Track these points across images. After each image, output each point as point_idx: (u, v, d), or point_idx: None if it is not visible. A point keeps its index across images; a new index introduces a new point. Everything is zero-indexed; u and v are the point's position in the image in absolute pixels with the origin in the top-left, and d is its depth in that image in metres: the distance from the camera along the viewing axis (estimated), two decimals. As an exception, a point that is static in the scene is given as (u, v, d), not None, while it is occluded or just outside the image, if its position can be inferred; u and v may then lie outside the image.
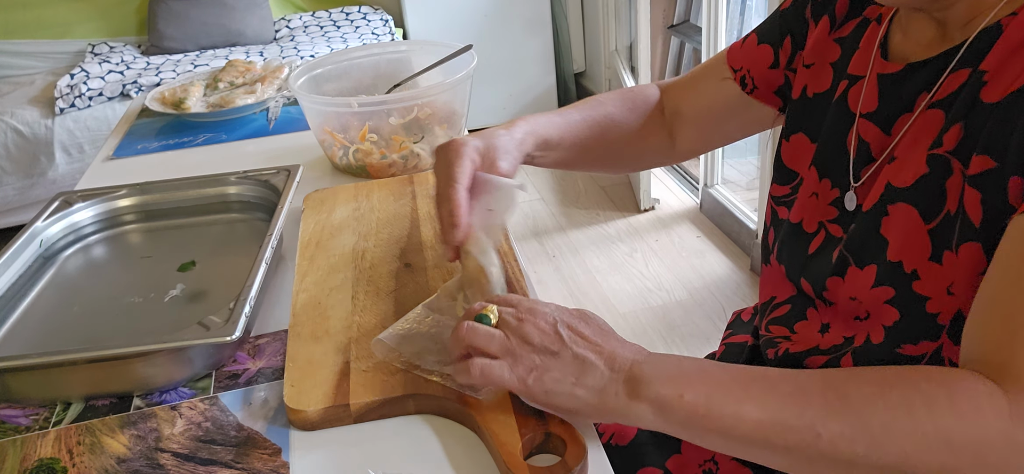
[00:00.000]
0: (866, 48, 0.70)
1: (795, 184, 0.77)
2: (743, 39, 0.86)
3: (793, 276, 0.73)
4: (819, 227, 0.71)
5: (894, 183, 0.62)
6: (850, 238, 0.65)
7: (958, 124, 0.57)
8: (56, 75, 3.12)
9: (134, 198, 1.02)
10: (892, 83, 0.65)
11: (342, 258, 0.86)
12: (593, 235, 2.67)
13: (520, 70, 3.51)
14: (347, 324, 0.74)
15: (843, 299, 0.66)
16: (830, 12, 0.76)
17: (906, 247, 0.60)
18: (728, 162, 2.68)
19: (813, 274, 0.70)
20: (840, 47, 0.74)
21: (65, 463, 0.63)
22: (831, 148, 0.71)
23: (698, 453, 0.82)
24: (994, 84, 0.55)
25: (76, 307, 0.87)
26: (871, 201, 0.64)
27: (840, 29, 0.75)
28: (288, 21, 3.44)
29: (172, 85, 1.54)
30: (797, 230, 0.73)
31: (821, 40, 0.76)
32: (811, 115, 0.76)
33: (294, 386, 0.66)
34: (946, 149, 0.58)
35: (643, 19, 2.59)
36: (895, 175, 0.62)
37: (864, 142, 0.67)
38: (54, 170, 2.83)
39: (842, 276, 0.65)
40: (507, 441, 0.58)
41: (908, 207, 0.60)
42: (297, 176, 0.98)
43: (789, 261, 0.74)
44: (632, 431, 0.87)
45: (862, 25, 0.72)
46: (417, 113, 1.14)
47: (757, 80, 0.84)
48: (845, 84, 0.71)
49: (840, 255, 0.66)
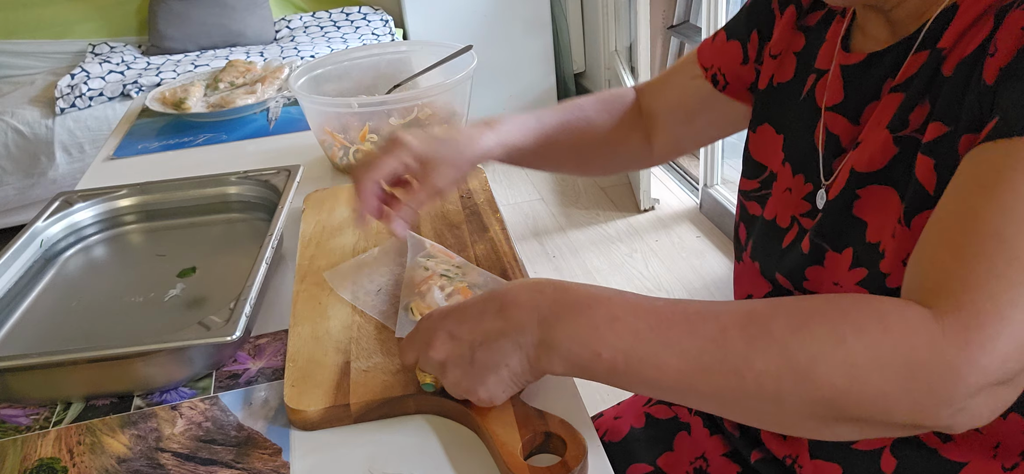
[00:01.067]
0: (832, 40, 0.70)
1: (764, 178, 0.76)
2: (713, 36, 0.85)
3: (768, 272, 0.73)
4: (792, 222, 0.71)
5: (857, 167, 0.62)
6: (820, 225, 0.65)
7: (924, 102, 0.58)
8: (56, 75, 3.12)
9: (134, 198, 1.02)
10: (856, 72, 0.65)
11: (342, 258, 0.86)
12: (593, 235, 2.67)
13: (520, 70, 3.51)
14: (347, 324, 0.74)
15: (826, 286, 0.65)
16: (796, 2, 0.75)
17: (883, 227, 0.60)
18: (728, 162, 2.68)
19: (788, 267, 0.69)
20: (805, 37, 0.74)
21: (65, 463, 0.63)
22: (801, 144, 0.71)
23: (689, 450, 0.82)
24: (952, 58, 0.56)
25: (76, 307, 0.87)
26: (837, 189, 0.64)
27: (805, 18, 0.75)
28: (288, 21, 3.44)
29: (172, 85, 1.54)
30: (771, 227, 0.73)
31: (787, 29, 0.76)
32: (776, 105, 0.75)
33: (294, 386, 0.66)
34: (913, 128, 0.58)
35: (643, 19, 2.59)
36: (858, 159, 0.62)
37: (833, 135, 0.67)
38: (54, 170, 2.83)
39: (821, 263, 0.65)
40: (507, 441, 0.58)
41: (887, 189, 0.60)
42: (297, 176, 0.98)
43: (763, 258, 0.73)
44: (624, 428, 0.88)
45: (828, 17, 0.72)
46: (417, 114, 1.14)
47: (728, 76, 0.83)
48: (813, 78, 0.71)
49: (812, 243, 0.65)
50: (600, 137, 0.89)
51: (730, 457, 0.79)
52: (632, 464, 0.83)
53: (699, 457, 0.81)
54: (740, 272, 0.79)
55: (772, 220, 0.73)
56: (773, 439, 0.74)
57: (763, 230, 0.74)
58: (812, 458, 0.70)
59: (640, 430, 0.87)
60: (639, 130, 0.92)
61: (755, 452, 0.76)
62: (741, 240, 0.78)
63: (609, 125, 0.90)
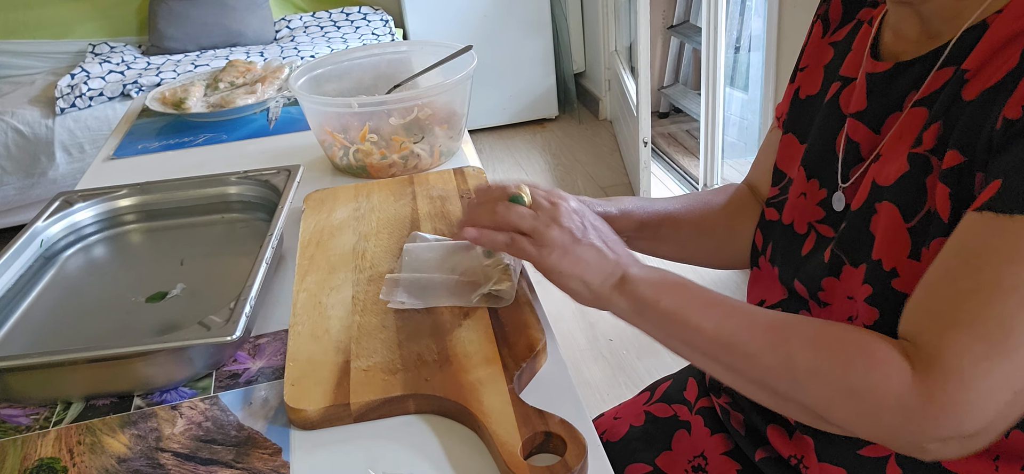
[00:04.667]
0: (858, 50, 0.70)
1: (783, 185, 0.77)
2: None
3: (786, 278, 0.74)
4: (809, 228, 0.72)
5: (879, 181, 0.62)
6: (841, 237, 0.66)
7: (938, 122, 0.58)
8: (57, 75, 3.12)
9: (135, 198, 1.02)
10: (881, 82, 0.66)
11: (342, 258, 0.86)
12: (593, 235, 2.66)
13: (520, 70, 3.52)
14: (347, 324, 0.74)
15: (840, 298, 0.66)
16: (824, 16, 0.76)
17: (886, 245, 0.60)
18: (728, 162, 2.68)
19: (807, 276, 0.70)
20: (833, 50, 0.75)
21: (65, 463, 0.63)
22: (820, 149, 0.71)
23: (688, 450, 0.83)
24: (975, 82, 0.56)
25: (76, 307, 0.87)
26: (859, 200, 0.64)
27: (834, 34, 0.75)
28: (288, 21, 3.44)
29: (173, 85, 1.54)
30: (790, 232, 0.74)
31: (815, 44, 0.77)
32: (802, 116, 0.76)
33: (294, 385, 0.66)
34: (926, 147, 0.59)
35: (643, 19, 2.59)
36: (879, 173, 0.63)
37: (853, 142, 0.67)
38: (54, 170, 2.83)
39: (838, 276, 0.66)
40: (507, 441, 0.58)
41: (890, 205, 0.61)
42: (297, 176, 0.98)
43: (782, 264, 0.74)
44: (623, 428, 0.88)
45: (855, 28, 0.73)
46: (417, 113, 1.14)
47: None
48: (837, 86, 0.71)
49: (833, 255, 0.66)
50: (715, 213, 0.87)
51: (730, 456, 0.79)
52: (631, 463, 0.83)
53: (698, 456, 0.81)
54: (756, 278, 0.80)
55: (790, 225, 0.74)
56: (779, 438, 0.74)
57: (782, 235, 0.75)
58: (819, 461, 0.70)
59: (639, 429, 0.87)
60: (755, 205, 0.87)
61: (760, 450, 0.76)
62: (758, 245, 0.79)
63: (722, 201, 0.88)
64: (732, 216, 0.87)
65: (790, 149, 0.77)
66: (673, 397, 0.89)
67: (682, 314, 0.62)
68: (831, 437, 0.69)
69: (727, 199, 0.89)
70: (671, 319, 0.63)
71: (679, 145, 3.27)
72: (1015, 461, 0.63)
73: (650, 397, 0.92)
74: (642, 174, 2.72)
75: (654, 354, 2.04)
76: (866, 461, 0.67)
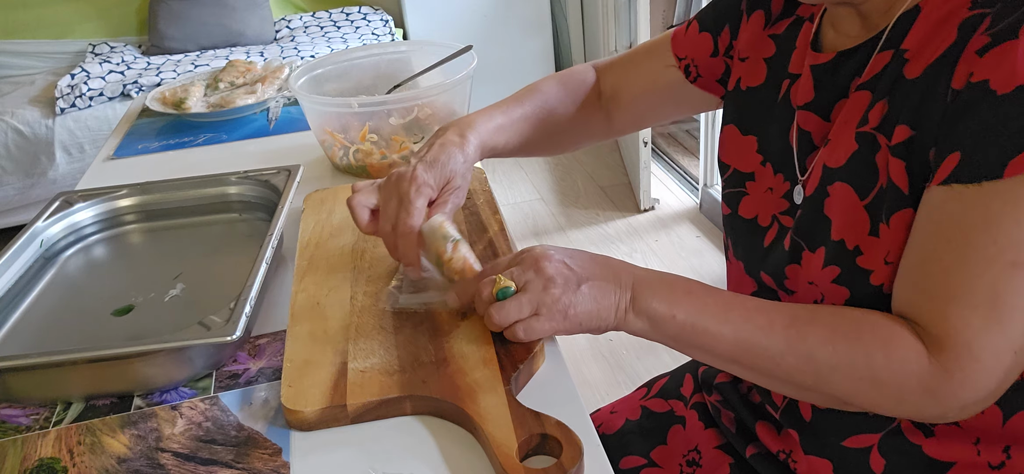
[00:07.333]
0: (802, 46, 0.72)
1: (728, 177, 0.79)
2: (686, 25, 0.87)
3: (752, 271, 0.75)
4: (772, 221, 0.73)
5: (829, 164, 0.64)
6: (798, 224, 0.68)
7: (882, 100, 0.61)
8: (57, 75, 3.12)
9: (135, 198, 1.03)
10: (825, 72, 0.68)
11: (341, 258, 0.86)
12: (593, 235, 2.67)
13: (520, 70, 3.51)
14: (346, 324, 0.74)
15: (803, 285, 0.68)
16: (765, 7, 0.78)
17: (846, 225, 0.63)
18: (728, 162, 2.69)
19: (772, 266, 0.71)
20: (775, 44, 0.76)
21: (65, 463, 0.64)
22: (778, 144, 0.73)
23: (682, 444, 0.83)
24: (916, 61, 0.59)
25: (76, 307, 0.87)
26: (812, 186, 0.66)
27: (774, 26, 0.77)
28: (288, 21, 3.44)
29: (173, 85, 1.54)
30: (752, 226, 0.75)
31: (756, 35, 0.78)
32: (743, 109, 0.78)
33: (292, 386, 0.66)
34: (871, 126, 0.61)
35: (643, 19, 2.59)
36: (829, 156, 0.65)
37: (805, 132, 0.69)
38: (54, 170, 2.84)
39: (799, 263, 0.68)
40: (503, 443, 0.58)
41: (843, 186, 0.63)
42: (297, 176, 0.99)
43: (746, 257, 0.76)
44: (619, 421, 0.89)
45: (796, 24, 0.74)
46: (417, 113, 1.14)
47: (701, 68, 0.86)
48: (787, 83, 0.73)
49: (792, 241, 0.68)
50: (564, 121, 0.93)
51: (723, 450, 0.80)
52: (625, 456, 0.84)
53: (692, 450, 0.82)
54: (729, 271, 0.82)
55: (753, 219, 0.75)
56: (767, 434, 0.75)
57: (742, 229, 0.76)
58: (805, 454, 0.71)
59: (635, 423, 0.88)
60: (599, 110, 0.96)
61: (750, 447, 0.77)
62: (725, 240, 0.81)
63: (572, 111, 0.94)
64: (582, 123, 0.95)
65: (730, 140, 0.79)
66: (670, 393, 0.90)
67: (700, 323, 0.63)
68: (815, 431, 0.70)
69: (577, 106, 0.94)
70: (689, 330, 0.63)
71: (679, 145, 3.27)
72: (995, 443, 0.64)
73: (647, 392, 0.92)
74: (642, 174, 2.72)
75: (653, 353, 2.05)
76: (850, 452, 0.69)
